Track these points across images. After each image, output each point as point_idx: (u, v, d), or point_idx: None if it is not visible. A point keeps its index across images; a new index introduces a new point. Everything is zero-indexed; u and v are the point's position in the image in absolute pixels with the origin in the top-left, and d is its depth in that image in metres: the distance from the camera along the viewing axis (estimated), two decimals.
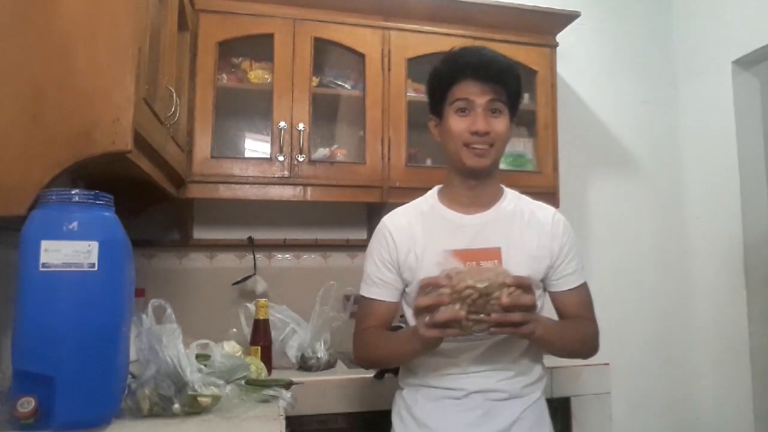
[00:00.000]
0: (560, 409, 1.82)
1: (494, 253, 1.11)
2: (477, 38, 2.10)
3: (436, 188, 1.32)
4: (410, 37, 2.05)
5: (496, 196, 1.27)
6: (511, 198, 1.28)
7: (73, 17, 1.05)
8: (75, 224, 0.98)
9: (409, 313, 1.25)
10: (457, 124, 1.19)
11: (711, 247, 2.47)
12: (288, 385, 1.36)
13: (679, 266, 2.59)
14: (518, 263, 1.12)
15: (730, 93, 2.37)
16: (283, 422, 1.15)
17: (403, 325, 1.33)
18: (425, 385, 1.22)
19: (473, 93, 1.17)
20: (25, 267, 0.96)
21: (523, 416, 1.18)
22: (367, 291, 1.26)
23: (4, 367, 1.25)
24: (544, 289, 1.26)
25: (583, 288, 1.27)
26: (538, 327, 1.06)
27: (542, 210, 1.27)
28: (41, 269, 0.96)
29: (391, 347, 1.21)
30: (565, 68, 2.45)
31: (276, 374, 1.66)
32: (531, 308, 1.03)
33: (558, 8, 2.20)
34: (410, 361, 1.23)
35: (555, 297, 1.26)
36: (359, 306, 1.30)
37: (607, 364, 1.91)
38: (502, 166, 2.16)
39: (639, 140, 2.63)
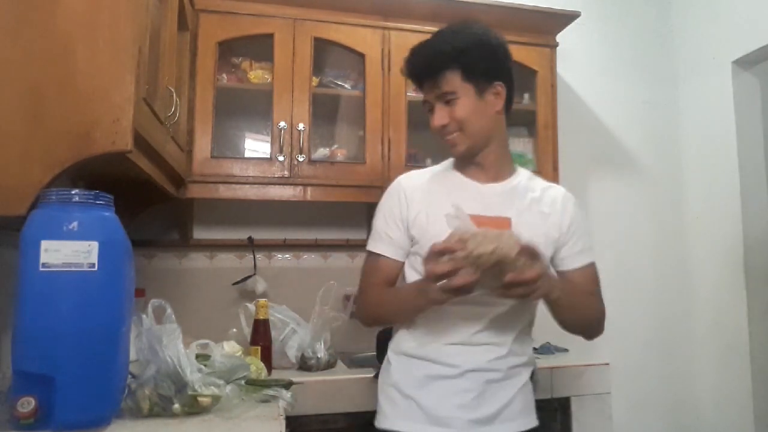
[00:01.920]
0: (560, 409, 1.82)
1: (504, 223, 1.15)
2: None
3: (451, 158, 1.33)
4: (410, 37, 2.04)
5: (506, 172, 1.28)
6: (524, 175, 1.30)
7: (73, 17, 1.05)
8: (75, 224, 0.98)
9: (411, 277, 1.24)
10: (430, 122, 1.24)
11: (711, 247, 2.47)
12: (288, 385, 1.36)
13: (679, 266, 2.59)
14: (526, 237, 1.12)
15: (730, 93, 2.37)
16: (283, 422, 1.15)
17: None
18: (421, 357, 1.21)
19: (425, 93, 1.24)
20: (25, 267, 0.96)
21: (513, 399, 1.20)
22: (374, 246, 1.27)
23: (4, 367, 1.26)
24: (554, 269, 1.28)
25: (591, 268, 1.28)
26: (553, 289, 1.09)
27: (553, 188, 1.30)
28: (41, 269, 0.96)
29: (396, 305, 1.24)
30: (565, 68, 2.45)
31: (276, 374, 1.66)
32: (537, 279, 1.03)
33: (558, 8, 2.21)
34: (413, 317, 1.22)
35: (563, 276, 1.27)
36: (365, 262, 1.31)
37: (607, 364, 1.91)
38: None
39: (639, 140, 2.63)
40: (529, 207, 1.23)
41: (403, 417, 1.20)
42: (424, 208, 1.23)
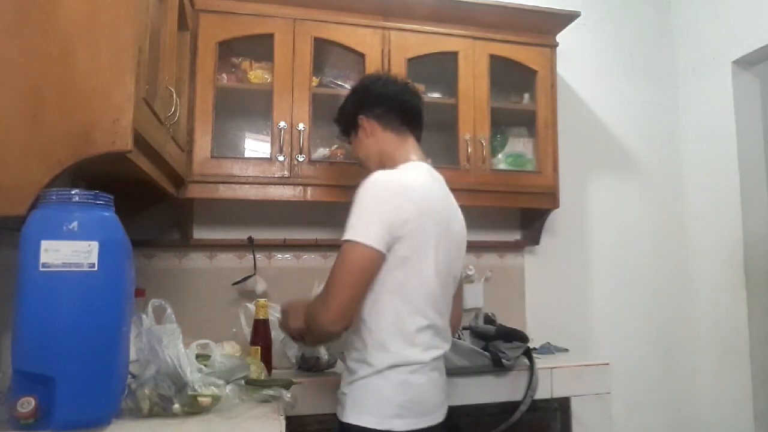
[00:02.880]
0: (560, 409, 1.83)
1: None
2: (477, 38, 2.10)
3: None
4: (410, 37, 2.05)
5: None
6: None
7: (73, 17, 1.05)
8: (75, 224, 0.98)
9: None
10: None
11: (711, 247, 2.47)
12: (288, 385, 1.36)
13: (679, 266, 2.59)
14: None
15: (730, 93, 2.37)
16: (283, 422, 1.15)
17: None
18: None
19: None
20: (25, 267, 0.97)
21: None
22: None
23: (4, 367, 1.26)
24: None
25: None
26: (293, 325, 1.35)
27: None
28: (41, 269, 0.96)
29: None
30: (565, 68, 2.45)
31: (276, 374, 1.66)
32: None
33: (558, 8, 2.20)
34: None
35: None
36: None
37: (607, 364, 1.91)
38: (502, 165, 2.19)
39: (639, 140, 2.63)
40: None
41: None
42: None
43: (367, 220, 1.23)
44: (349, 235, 1.22)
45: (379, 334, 1.22)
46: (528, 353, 1.81)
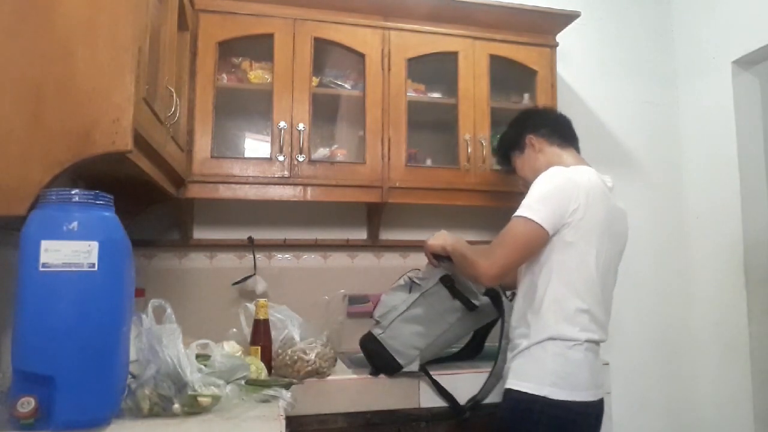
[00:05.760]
0: None
1: None
2: (477, 38, 2.10)
3: None
4: (410, 37, 2.05)
5: None
6: None
7: (73, 17, 1.05)
8: (75, 224, 0.98)
9: None
10: None
11: (711, 247, 2.47)
12: (288, 385, 1.36)
13: (679, 266, 2.58)
14: None
15: (730, 93, 2.37)
16: (283, 422, 1.15)
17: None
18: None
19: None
20: (25, 267, 0.97)
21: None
22: None
23: (4, 367, 1.26)
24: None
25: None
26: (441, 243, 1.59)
27: None
28: (41, 269, 0.96)
29: None
30: (565, 68, 2.45)
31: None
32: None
33: (558, 8, 2.20)
34: None
35: None
36: None
37: (607, 363, 1.91)
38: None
39: (639, 140, 2.63)
40: None
41: None
42: None
43: (541, 203, 1.37)
44: (522, 212, 1.38)
45: (540, 311, 1.38)
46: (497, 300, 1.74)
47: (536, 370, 1.35)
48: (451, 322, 1.66)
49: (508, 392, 1.39)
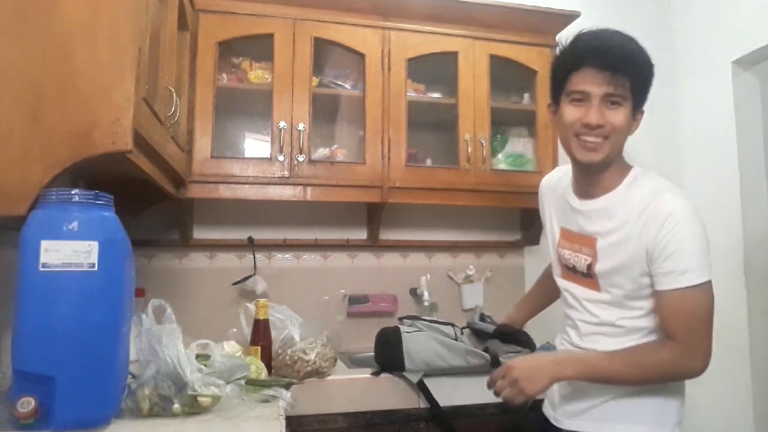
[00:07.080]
0: None
1: (590, 242, 1.21)
2: (477, 38, 2.10)
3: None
4: (410, 37, 2.05)
5: (611, 186, 1.23)
6: (627, 186, 1.23)
7: (73, 17, 1.05)
8: (75, 224, 0.98)
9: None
10: (570, 113, 1.16)
11: (711, 247, 2.46)
12: (288, 385, 1.36)
13: None
14: (607, 256, 1.16)
15: (730, 93, 2.37)
16: (283, 422, 1.15)
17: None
18: None
19: (590, 83, 1.12)
20: (25, 267, 0.97)
21: None
22: None
23: (4, 367, 1.26)
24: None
25: (675, 294, 1.15)
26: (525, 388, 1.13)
27: (654, 201, 1.19)
28: (41, 269, 0.96)
29: None
30: None
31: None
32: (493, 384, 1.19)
33: (558, 8, 2.20)
34: None
35: (653, 297, 1.18)
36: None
37: None
38: (502, 165, 2.18)
39: (639, 140, 2.61)
40: (620, 225, 1.18)
41: None
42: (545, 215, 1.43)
43: (705, 255, 1.22)
44: (704, 275, 1.20)
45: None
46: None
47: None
48: (470, 364, 1.66)
49: None
